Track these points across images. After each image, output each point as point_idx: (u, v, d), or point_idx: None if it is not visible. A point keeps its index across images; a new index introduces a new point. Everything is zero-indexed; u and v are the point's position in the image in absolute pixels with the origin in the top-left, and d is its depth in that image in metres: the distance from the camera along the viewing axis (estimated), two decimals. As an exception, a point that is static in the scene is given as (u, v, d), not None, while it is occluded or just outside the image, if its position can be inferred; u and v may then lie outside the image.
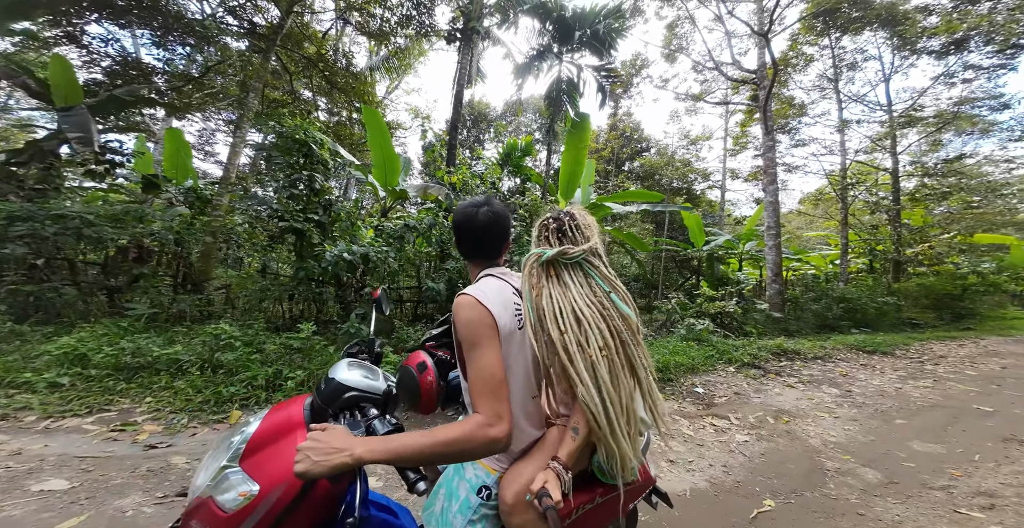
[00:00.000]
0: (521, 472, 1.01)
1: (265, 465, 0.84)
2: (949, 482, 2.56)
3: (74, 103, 4.66)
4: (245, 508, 0.77)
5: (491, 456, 1.05)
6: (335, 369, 1.06)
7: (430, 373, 0.80)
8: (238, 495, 0.79)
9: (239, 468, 0.83)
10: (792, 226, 21.65)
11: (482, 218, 1.09)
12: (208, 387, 2.97)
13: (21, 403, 2.55)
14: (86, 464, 2.09)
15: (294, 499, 0.79)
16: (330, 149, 5.07)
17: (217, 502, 0.79)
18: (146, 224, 4.70)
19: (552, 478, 0.90)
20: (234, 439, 0.91)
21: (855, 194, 12.52)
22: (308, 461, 0.72)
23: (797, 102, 13.98)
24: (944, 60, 12.07)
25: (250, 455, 0.86)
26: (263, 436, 0.90)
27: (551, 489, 0.87)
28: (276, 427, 0.93)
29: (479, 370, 0.88)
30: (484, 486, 1.02)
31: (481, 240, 1.11)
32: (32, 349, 3.18)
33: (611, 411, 0.94)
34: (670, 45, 12.86)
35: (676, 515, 2.09)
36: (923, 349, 7.63)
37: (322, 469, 0.71)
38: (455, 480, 1.08)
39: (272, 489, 0.79)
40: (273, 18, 6.82)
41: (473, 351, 0.90)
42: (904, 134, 13.18)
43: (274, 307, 5.19)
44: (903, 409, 4.10)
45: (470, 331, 0.91)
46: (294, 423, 0.95)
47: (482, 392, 0.85)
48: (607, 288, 1.06)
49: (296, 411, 0.99)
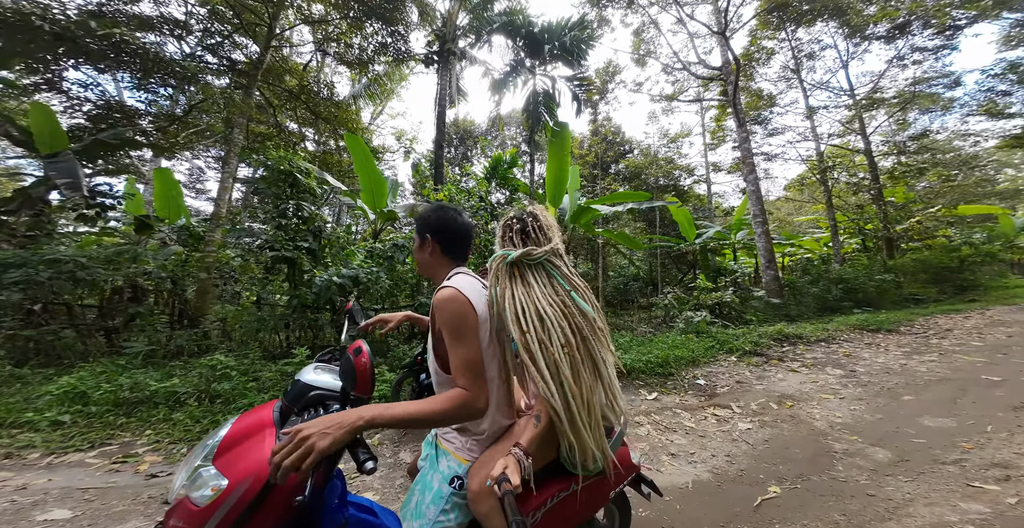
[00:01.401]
0: (488, 461, 1.04)
1: (235, 462, 0.89)
2: (961, 456, 2.52)
3: (59, 149, 4.77)
4: (215, 501, 0.82)
5: (463, 447, 1.09)
6: (301, 373, 1.12)
7: (364, 356, 0.86)
8: (209, 490, 0.83)
9: (212, 466, 0.88)
10: (782, 212, 21.81)
11: (461, 222, 1.20)
12: (206, 417, 2.98)
13: (24, 442, 2.58)
14: (89, 495, 2.13)
15: (261, 490, 0.83)
16: (316, 177, 5.18)
17: (191, 499, 0.83)
18: (139, 264, 4.75)
19: (512, 463, 0.92)
20: (208, 442, 0.96)
21: (835, 177, 12.73)
22: (329, 435, 0.74)
23: (766, 94, 14.40)
24: (893, 44, 12.69)
25: (222, 454, 0.91)
26: (234, 437, 0.95)
27: (510, 474, 0.88)
28: (247, 428, 0.99)
29: (462, 356, 0.96)
30: (456, 476, 1.06)
31: (456, 242, 1.19)
32: (33, 390, 3.22)
33: (572, 405, 0.98)
34: (639, 50, 13.31)
35: (678, 508, 2.06)
36: (928, 324, 7.58)
37: (344, 435, 0.76)
38: (429, 474, 1.10)
39: (239, 482, 0.84)
40: (252, 54, 7.06)
41: (456, 339, 0.97)
42: (872, 116, 13.63)
43: (270, 337, 5.20)
44: (910, 385, 4.06)
45: (454, 321, 0.98)
46: (264, 423, 1.00)
47: (465, 374, 0.95)
48: (568, 287, 1.10)
49: (266, 414, 1.05)
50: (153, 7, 6.16)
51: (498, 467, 0.91)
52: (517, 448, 0.96)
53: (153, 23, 5.78)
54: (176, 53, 6.25)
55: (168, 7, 6.20)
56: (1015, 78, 11.99)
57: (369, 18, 6.83)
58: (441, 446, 1.16)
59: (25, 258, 3.87)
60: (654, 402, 3.78)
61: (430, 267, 1.20)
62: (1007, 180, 23.43)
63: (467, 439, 1.12)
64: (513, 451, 0.96)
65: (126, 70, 5.41)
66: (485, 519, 0.99)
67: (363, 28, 7.27)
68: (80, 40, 4.66)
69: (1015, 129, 13.18)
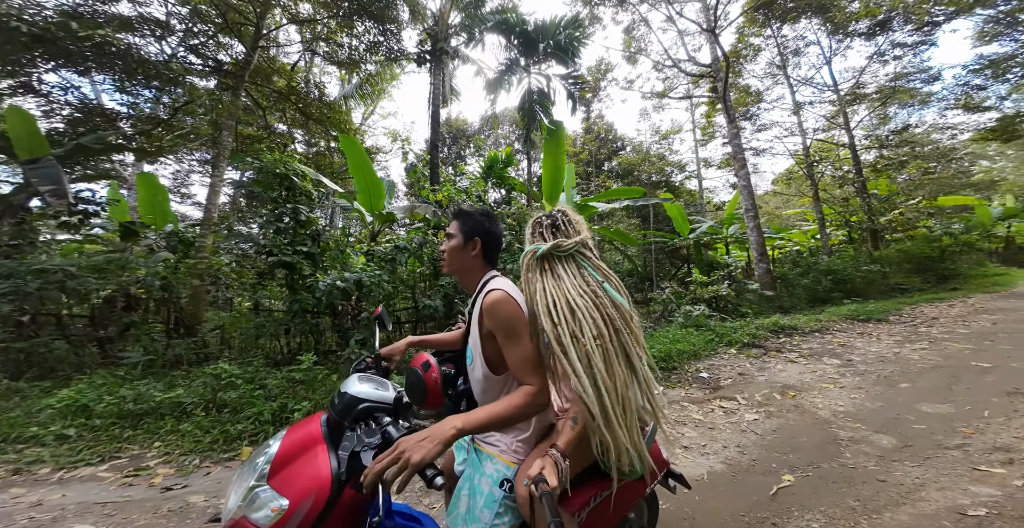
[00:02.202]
0: (533, 464, 1.03)
1: (291, 480, 0.88)
2: (963, 440, 2.60)
3: (40, 154, 4.59)
4: (278, 522, 0.81)
5: (509, 449, 1.10)
6: (346, 384, 1.09)
7: (434, 370, 0.88)
8: (270, 511, 0.83)
9: (268, 486, 0.87)
10: (770, 206, 22.28)
11: (501, 230, 1.25)
12: (215, 427, 2.92)
13: (32, 457, 2.53)
14: (108, 509, 2.09)
15: (324, 508, 0.83)
16: (312, 180, 5.09)
17: (251, 520, 0.83)
18: (130, 272, 4.61)
19: (549, 465, 0.92)
20: (258, 461, 0.95)
21: (821, 170, 13.06)
22: (424, 448, 0.78)
23: (754, 90, 14.69)
24: (874, 40, 13.08)
25: (276, 473, 0.90)
26: (285, 454, 0.94)
27: (548, 475, 0.89)
28: (297, 444, 0.97)
29: (521, 354, 1.01)
30: (505, 479, 1.06)
31: (495, 248, 1.24)
32: (33, 404, 3.14)
33: (606, 400, 0.95)
34: (630, 48, 13.41)
35: (697, 499, 2.10)
36: (915, 312, 7.83)
37: (438, 448, 0.79)
38: (476, 478, 1.10)
39: (301, 501, 0.83)
40: (238, 54, 6.88)
41: (513, 339, 1.01)
42: (854, 110, 14.04)
43: (271, 343, 5.11)
44: (905, 373, 4.19)
45: (510, 323, 1.02)
46: (314, 439, 0.99)
47: (527, 370, 1.00)
48: (600, 278, 1.09)
49: (314, 427, 1.03)
50: (132, 7, 5.96)
51: (535, 467, 0.91)
52: (554, 450, 0.97)
53: (132, 24, 5.58)
54: (158, 54, 6.05)
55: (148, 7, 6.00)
56: (990, 73, 12.42)
57: (359, 17, 6.73)
58: (483, 450, 1.15)
59: (12, 268, 3.73)
60: (660, 396, 3.83)
61: (466, 268, 1.20)
62: (982, 171, 24.32)
63: (512, 440, 1.12)
64: (550, 452, 0.96)
65: (108, 72, 5.22)
66: (536, 521, 0.99)
67: (353, 27, 7.16)
68: (60, 41, 4.49)
69: (990, 122, 13.69)
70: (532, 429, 1.12)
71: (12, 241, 4.45)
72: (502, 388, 1.10)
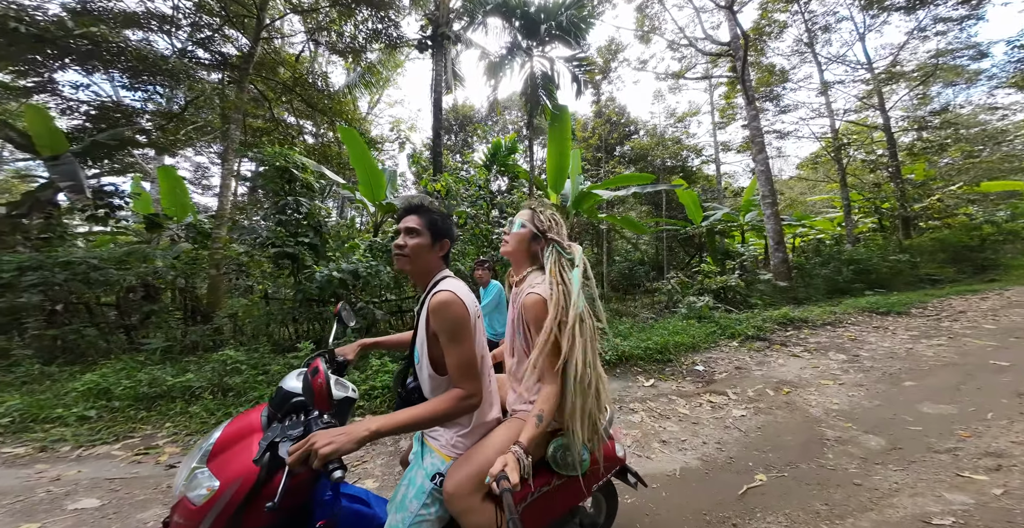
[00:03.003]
0: (465, 463, 1.09)
1: (226, 464, 0.98)
2: (956, 444, 2.50)
3: (59, 151, 4.86)
4: (208, 501, 0.91)
5: (448, 444, 1.15)
6: (285, 379, 1.18)
7: (320, 376, 0.92)
8: (204, 490, 0.92)
9: (206, 468, 0.97)
10: (794, 192, 21.11)
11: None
12: (220, 409, 3.14)
13: (56, 436, 2.81)
14: (114, 485, 2.32)
15: (250, 491, 0.92)
16: (313, 172, 5.19)
17: (189, 498, 0.92)
18: (148, 263, 4.89)
19: (512, 461, 0.93)
20: (204, 444, 1.05)
21: (850, 154, 12.21)
22: (333, 444, 0.83)
23: (778, 69, 13.69)
24: (913, 15, 11.86)
25: (215, 457, 1.00)
26: (226, 440, 1.04)
27: (510, 472, 0.89)
28: (236, 432, 1.07)
29: (460, 357, 1.04)
30: (439, 472, 1.11)
31: (450, 250, 1.27)
32: (62, 387, 3.45)
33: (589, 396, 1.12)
34: (643, 27, 12.69)
35: (663, 495, 2.12)
36: (941, 306, 7.40)
37: (350, 445, 0.85)
38: (414, 469, 1.16)
39: (230, 484, 0.92)
40: (243, 46, 6.95)
41: (454, 341, 1.04)
42: (892, 90, 12.89)
43: (279, 330, 5.36)
44: (913, 370, 4.01)
45: (454, 326, 1.04)
46: (252, 428, 1.09)
47: (462, 374, 1.04)
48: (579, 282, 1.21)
49: (254, 418, 1.12)
50: (139, 2, 6.08)
51: (497, 464, 0.92)
52: (517, 446, 0.98)
53: (139, 19, 5.71)
54: (167, 49, 6.20)
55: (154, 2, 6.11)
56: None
57: (359, 4, 6.63)
58: (427, 443, 1.20)
59: (40, 261, 4.03)
60: (651, 389, 3.83)
61: (427, 267, 1.20)
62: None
63: (452, 434, 1.16)
64: (513, 449, 0.98)
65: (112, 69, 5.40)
66: (460, 516, 1.04)
67: (353, 15, 7.07)
68: (60, 41, 4.65)
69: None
70: (472, 426, 1.15)
71: (42, 234, 4.79)
72: (448, 388, 1.12)
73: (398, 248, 1.16)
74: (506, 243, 1.35)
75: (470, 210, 6.10)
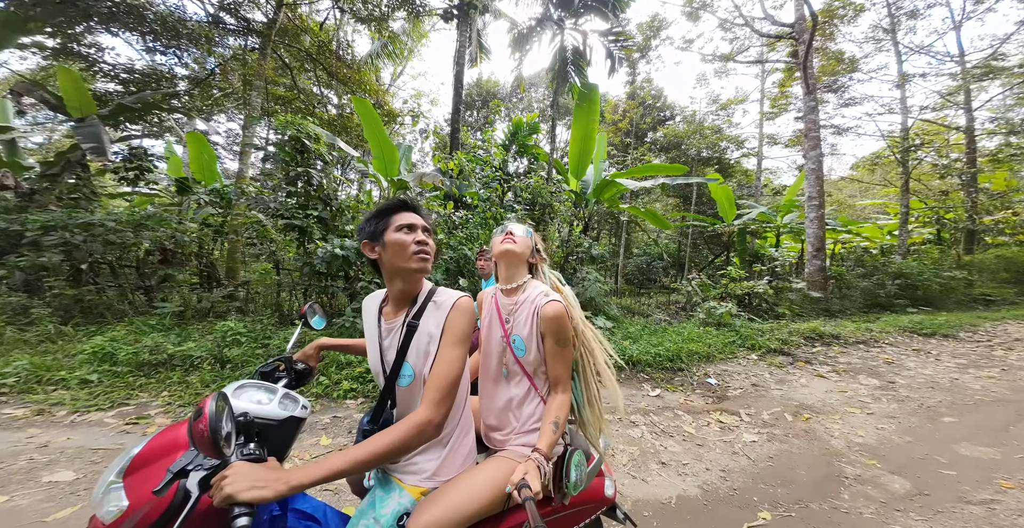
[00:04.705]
0: (433, 505, 0.94)
1: (140, 483, 0.86)
2: (994, 495, 2.20)
3: (88, 114, 4.92)
4: (115, 521, 0.81)
5: (420, 476, 1.01)
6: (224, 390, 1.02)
7: (203, 421, 0.74)
8: (114, 508, 0.83)
9: (121, 483, 0.87)
10: (843, 194, 19.39)
11: None
12: (216, 381, 3.16)
13: (56, 399, 2.84)
14: (96, 456, 2.30)
15: (160, 517, 0.81)
16: (327, 143, 5.05)
17: (99, 514, 0.84)
18: (166, 227, 4.98)
19: (532, 469, 0.91)
20: (125, 455, 0.93)
21: (920, 156, 10.93)
22: (246, 489, 0.71)
23: (847, 57, 12.18)
24: None
25: (133, 472, 0.89)
26: (146, 455, 0.92)
27: (531, 480, 0.87)
28: (160, 447, 0.94)
29: (448, 368, 0.94)
30: (406, 513, 0.96)
31: None
32: (73, 348, 3.53)
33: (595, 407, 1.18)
34: (692, 2, 11.50)
35: (654, 526, 1.95)
36: (995, 330, 6.70)
37: (263, 494, 0.72)
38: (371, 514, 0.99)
39: (139, 506, 0.82)
40: (269, 12, 6.77)
41: (453, 347, 0.97)
42: (983, 87, 11.27)
43: (290, 301, 5.43)
44: (956, 404, 3.61)
45: (463, 335, 0.98)
46: (178, 444, 0.94)
47: (442, 390, 0.92)
48: None
49: (183, 432, 0.97)
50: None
51: (518, 472, 0.90)
52: (537, 453, 0.96)
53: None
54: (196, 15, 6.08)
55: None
56: None
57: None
58: (391, 477, 1.04)
59: (63, 221, 4.14)
60: (656, 399, 3.62)
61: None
62: None
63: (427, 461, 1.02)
64: (533, 456, 0.95)
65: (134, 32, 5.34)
66: None
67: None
68: (80, 2, 4.60)
69: None
70: (449, 448, 1.02)
71: (72, 194, 4.93)
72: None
73: (421, 245, 1.00)
74: (513, 242, 1.21)
75: (483, 192, 5.85)
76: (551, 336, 1.09)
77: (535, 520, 0.77)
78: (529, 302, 1.15)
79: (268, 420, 1.00)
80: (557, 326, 1.08)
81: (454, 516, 0.90)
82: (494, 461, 1.07)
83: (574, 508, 1.15)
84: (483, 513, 0.97)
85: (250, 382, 1.10)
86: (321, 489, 2.06)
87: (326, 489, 2.07)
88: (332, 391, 3.24)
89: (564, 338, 1.09)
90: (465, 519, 0.93)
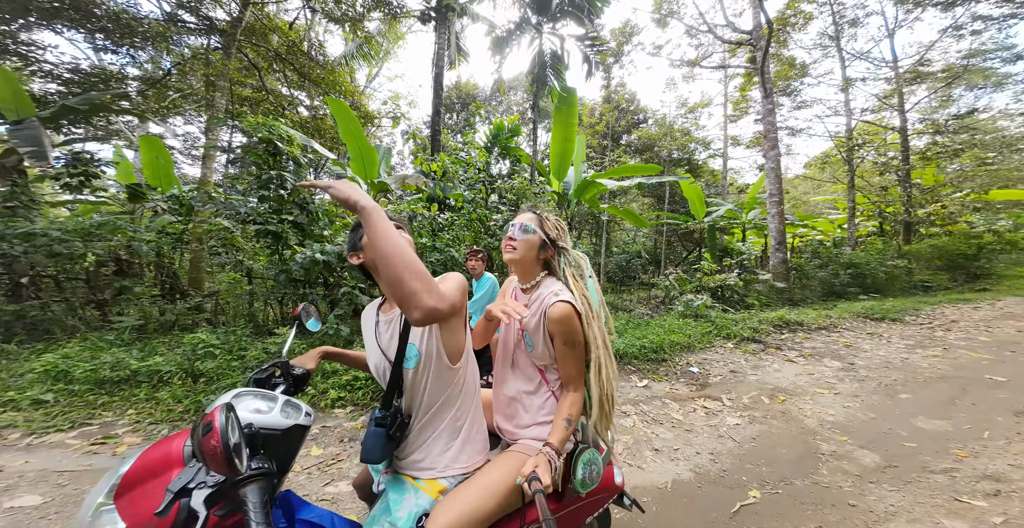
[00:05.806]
0: (452, 503, 0.93)
1: (135, 504, 0.81)
2: (953, 464, 2.42)
3: (26, 116, 4.48)
4: None
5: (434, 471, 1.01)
6: (220, 399, 0.96)
7: (214, 436, 0.67)
8: None
9: (113, 505, 0.81)
10: (798, 191, 20.88)
11: None
12: (188, 396, 2.96)
13: (6, 421, 2.58)
14: (63, 479, 2.11)
15: None
16: (301, 145, 4.86)
17: None
18: (120, 236, 4.61)
19: (543, 463, 0.92)
20: (113, 475, 0.87)
21: (862, 155, 11.95)
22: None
23: (798, 62, 13.18)
24: (951, 12, 11.39)
25: (124, 492, 0.83)
26: (138, 473, 0.85)
27: (541, 474, 0.88)
28: (151, 465, 0.87)
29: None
30: (424, 513, 0.95)
31: None
32: (19, 367, 3.20)
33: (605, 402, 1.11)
34: (660, 10, 12.05)
35: (654, 510, 2.02)
36: (934, 314, 7.39)
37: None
38: (391, 508, 0.98)
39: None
40: (233, 11, 6.44)
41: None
42: (912, 91, 12.55)
43: (263, 311, 5.16)
44: (909, 382, 3.95)
45: None
46: (171, 461, 0.88)
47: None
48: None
49: (175, 448, 0.91)
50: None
51: (528, 465, 0.90)
52: (548, 447, 0.97)
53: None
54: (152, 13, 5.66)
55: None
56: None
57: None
58: (405, 478, 1.03)
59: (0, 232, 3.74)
60: (644, 390, 3.73)
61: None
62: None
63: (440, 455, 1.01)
64: (544, 450, 0.96)
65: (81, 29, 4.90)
66: None
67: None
68: None
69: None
70: (461, 439, 1.02)
71: (7, 203, 4.46)
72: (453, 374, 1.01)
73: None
74: (512, 250, 1.20)
75: (468, 194, 5.83)
76: (559, 337, 1.09)
77: (544, 513, 0.77)
78: (539, 301, 1.15)
79: (272, 430, 0.95)
80: (564, 327, 1.08)
81: (474, 514, 0.90)
82: (507, 456, 1.08)
83: (590, 498, 1.18)
84: (503, 509, 0.97)
85: (247, 390, 1.04)
86: (319, 499, 1.99)
87: (323, 498, 1.99)
88: (320, 400, 3.12)
89: (572, 339, 1.08)
90: (486, 516, 0.93)
